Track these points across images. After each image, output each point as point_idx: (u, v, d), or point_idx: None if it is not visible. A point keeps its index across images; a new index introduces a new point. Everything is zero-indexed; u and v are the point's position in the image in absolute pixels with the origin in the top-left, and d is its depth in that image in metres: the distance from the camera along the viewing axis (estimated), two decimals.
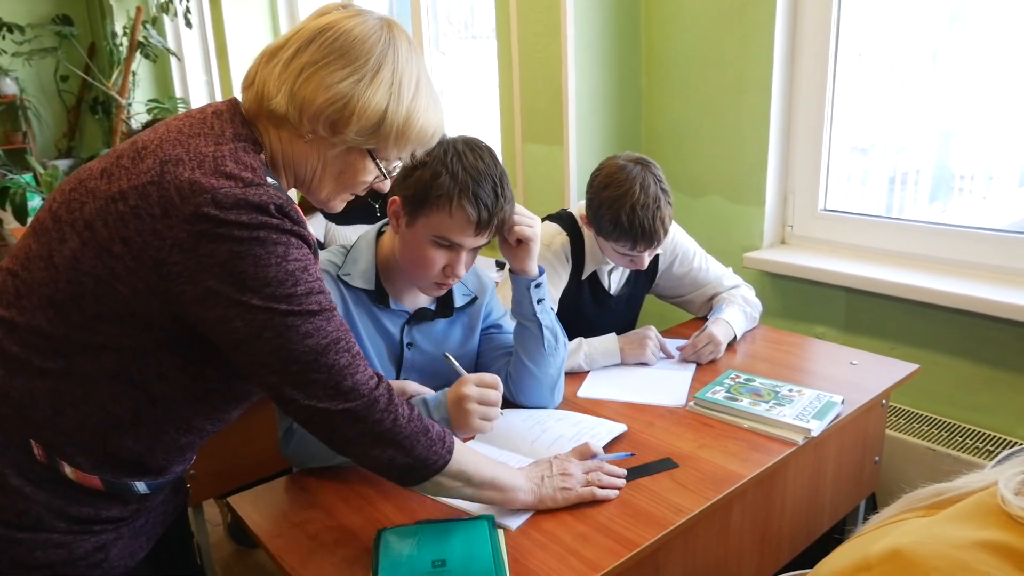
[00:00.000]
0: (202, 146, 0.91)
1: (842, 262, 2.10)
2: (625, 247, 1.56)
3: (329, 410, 0.94)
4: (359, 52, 0.94)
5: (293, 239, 0.91)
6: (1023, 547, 0.56)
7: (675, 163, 2.46)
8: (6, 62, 6.37)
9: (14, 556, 0.94)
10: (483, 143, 1.30)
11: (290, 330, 0.91)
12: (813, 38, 2.11)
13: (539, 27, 2.43)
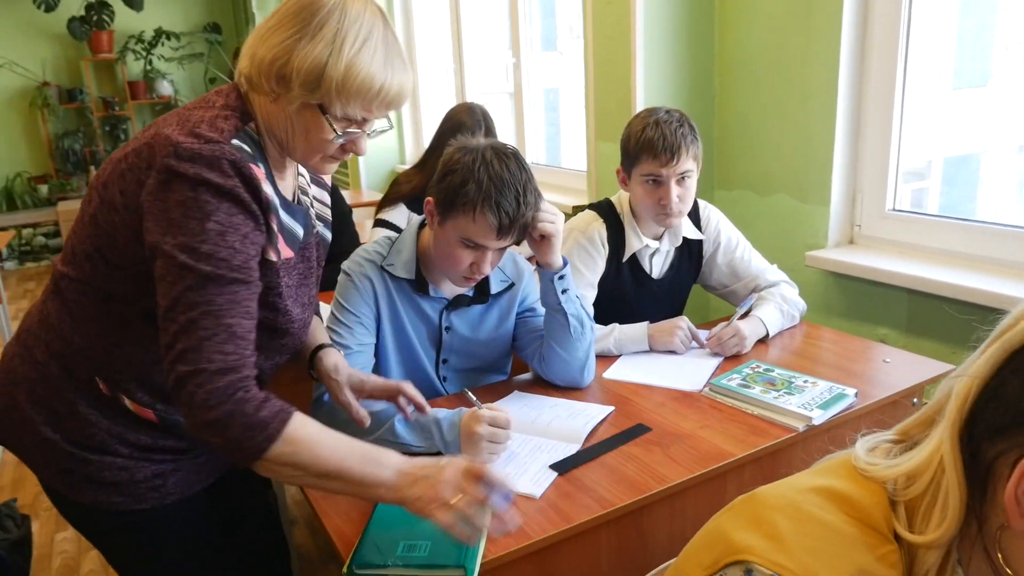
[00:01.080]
0: (193, 114, 1.05)
1: (906, 263, 2.07)
2: (650, 163, 1.66)
3: (175, 367, 0.97)
4: (307, 14, 1.02)
5: (226, 203, 0.99)
6: (851, 492, 0.65)
7: (746, 162, 2.49)
8: (163, 66, 7.10)
9: (87, 474, 1.15)
10: (511, 151, 1.40)
11: (179, 279, 0.98)
12: (882, 37, 2.09)
13: (610, 31, 2.52)
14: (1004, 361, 0.57)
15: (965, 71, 2.79)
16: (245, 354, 1.01)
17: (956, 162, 3.14)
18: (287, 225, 1.15)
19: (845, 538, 0.61)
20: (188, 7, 7.27)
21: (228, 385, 0.98)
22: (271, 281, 1.11)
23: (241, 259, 1.01)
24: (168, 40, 6.94)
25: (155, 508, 1.20)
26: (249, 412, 0.98)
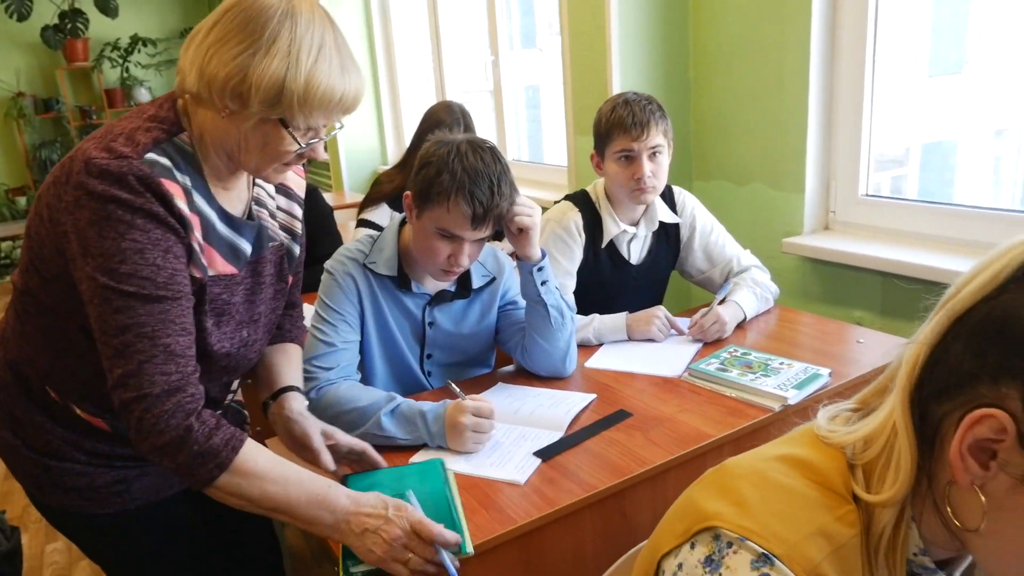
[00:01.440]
0: (117, 126, 1.01)
1: (879, 247, 2.11)
2: (621, 138, 1.72)
3: (117, 393, 0.97)
4: (256, 25, 0.97)
5: (140, 219, 0.96)
6: (812, 458, 0.68)
7: (722, 151, 2.53)
8: (140, 73, 7.07)
9: (50, 479, 1.15)
10: (487, 144, 1.43)
11: (104, 302, 0.96)
12: (851, 27, 2.13)
13: (586, 27, 2.55)
14: (948, 328, 0.61)
15: (940, 59, 2.83)
16: (187, 371, 1.00)
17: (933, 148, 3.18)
18: (227, 240, 1.12)
19: (806, 500, 0.64)
20: (163, 13, 7.24)
21: (176, 407, 0.98)
22: (199, 298, 1.07)
23: (166, 275, 0.98)
24: (144, 47, 6.90)
25: (120, 512, 1.20)
26: (200, 439, 0.98)
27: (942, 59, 2.78)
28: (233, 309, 1.14)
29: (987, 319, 0.58)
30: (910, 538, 0.64)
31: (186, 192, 1.03)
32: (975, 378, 0.58)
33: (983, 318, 0.58)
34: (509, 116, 3.85)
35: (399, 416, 1.35)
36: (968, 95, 2.68)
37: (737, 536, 0.62)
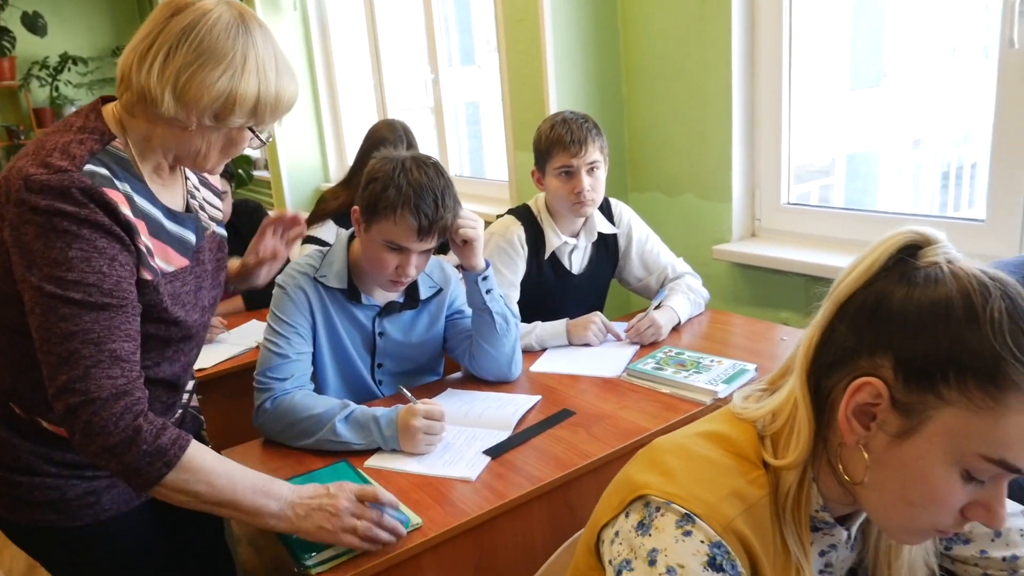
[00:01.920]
0: (48, 140, 1.04)
1: (801, 251, 2.26)
2: (561, 156, 1.81)
3: (63, 398, 0.99)
4: (225, 49, 1.04)
5: (86, 229, 0.99)
6: (727, 432, 0.78)
7: (654, 164, 2.66)
8: (71, 92, 6.91)
9: (18, 496, 1.17)
10: (431, 160, 1.51)
11: (50, 311, 0.99)
12: (768, 47, 2.28)
13: (523, 45, 2.66)
14: (834, 313, 0.71)
15: (860, 73, 3.01)
16: (132, 376, 1.03)
17: (857, 159, 3.37)
18: (176, 235, 1.18)
19: (723, 468, 0.74)
20: (94, 32, 7.10)
21: (124, 409, 1.01)
22: (152, 299, 1.10)
23: (111, 282, 1.02)
24: (75, 65, 6.76)
25: (92, 524, 1.22)
26: (148, 440, 1.02)
27: (862, 73, 2.97)
28: (187, 298, 1.19)
29: (864, 303, 0.68)
30: (812, 496, 0.74)
31: (127, 198, 1.07)
32: (856, 353, 0.68)
33: (861, 303, 0.69)
34: (450, 132, 3.93)
35: (353, 422, 1.41)
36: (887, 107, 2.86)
37: (664, 501, 0.71)
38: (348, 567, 1.08)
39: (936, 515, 0.67)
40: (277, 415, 1.45)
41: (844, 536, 0.78)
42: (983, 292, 0.63)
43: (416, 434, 1.36)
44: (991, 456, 0.63)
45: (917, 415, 0.65)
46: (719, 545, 0.68)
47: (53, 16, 6.72)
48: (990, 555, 0.85)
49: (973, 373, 0.62)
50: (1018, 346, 0.61)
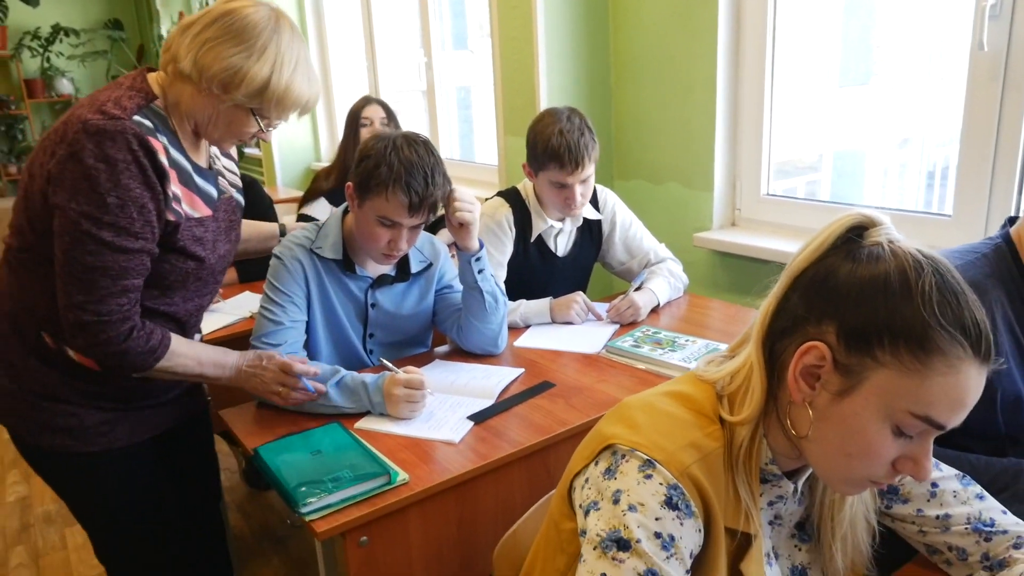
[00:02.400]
0: (101, 95, 1.22)
1: (779, 241, 2.35)
2: (557, 172, 1.85)
3: (75, 313, 1.21)
4: (251, 35, 1.22)
5: (125, 177, 1.17)
6: (689, 391, 0.86)
7: (639, 153, 2.73)
8: (62, 64, 6.88)
9: (43, 420, 1.31)
10: (421, 138, 1.57)
11: (79, 243, 1.18)
12: (752, 43, 2.36)
13: (515, 32, 2.72)
14: (788, 285, 0.79)
15: (849, 70, 3.08)
16: (133, 304, 1.26)
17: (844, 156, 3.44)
18: (201, 187, 1.35)
19: (682, 422, 0.82)
20: (87, 3, 7.06)
21: (128, 330, 1.25)
22: (173, 237, 1.29)
23: (137, 227, 1.21)
24: (67, 37, 6.73)
25: (105, 451, 1.37)
26: (142, 344, 1.27)
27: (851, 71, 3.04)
28: (207, 242, 1.37)
29: (814, 277, 0.77)
30: (762, 450, 0.82)
31: (164, 148, 1.24)
32: (805, 320, 0.76)
33: (811, 276, 0.77)
34: (442, 116, 3.99)
35: (344, 387, 1.48)
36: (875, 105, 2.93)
37: (629, 449, 0.79)
38: (339, 516, 1.15)
39: (870, 466, 0.75)
40: None
41: (791, 488, 0.87)
42: (917, 268, 0.71)
43: (399, 402, 1.44)
44: (918, 413, 0.71)
45: (855, 376, 0.73)
46: (676, 487, 0.77)
47: None
48: (925, 513, 0.94)
49: (904, 339, 0.70)
50: (944, 316, 0.70)
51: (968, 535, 0.92)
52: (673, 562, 0.74)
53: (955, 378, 0.70)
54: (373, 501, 1.18)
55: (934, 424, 0.72)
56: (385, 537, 1.21)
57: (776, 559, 0.90)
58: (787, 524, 0.91)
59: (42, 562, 2.44)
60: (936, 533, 0.94)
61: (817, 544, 0.92)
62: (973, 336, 0.70)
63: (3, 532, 2.63)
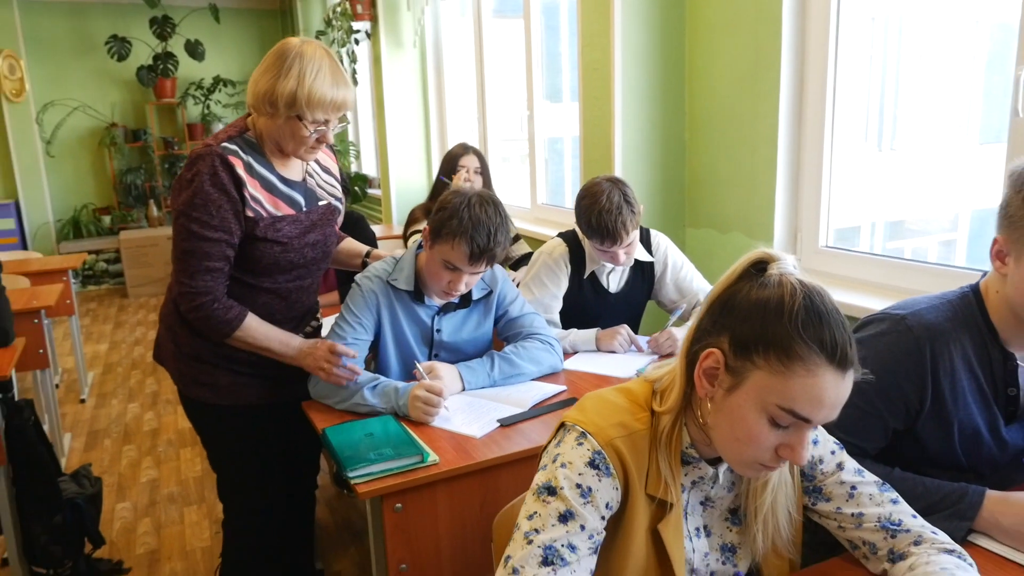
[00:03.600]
0: (217, 134, 1.71)
1: (835, 291, 2.45)
2: (597, 244, 2.09)
3: (178, 287, 1.67)
4: (280, 61, 1.61)
5: (207, 184, 1.60)
6: (632, 387, 1.08)
7: (709, 203, 2.92)
8: (219, 111, 7.80)
9: (192, 376, 1.78)
10: (494, 199, 1.82)
11: (177, 232, 1.65)
12: (814, 102, 2.52)
13: (597, 92, 3.00)
14: (707, 307, 1.00)
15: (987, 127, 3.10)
16: (217, 279, 1.68)
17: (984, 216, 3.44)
18: (285, 193, 1.76)
19: (618, 407, 1.04)
20: (243, 57, 8.00)
21: (211, 301, 1.68)
22: (253, 226, 1.68)
23: (215, 221, 1.63)
24: (224, 87, 7.65)
25: (233, 406, 1.80)
26: (221, 315, 1.69)
27: (988, 127, 3.08)
28: (290, 232, 1.76)
29: (721, 299, 0.98)
30: (682, 436, 1.03)
31: (246, 164, 1.67)
32: (710, 333, 0.97)
33: (719, 299, 0.98)
34: (550, 164, 4.29)
35: (379, 391, 1.76)
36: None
37: (572, 424, 1.02)
38: (379, 483, 1.43)
39: (756, 450, 0.95)
40: (324, 383, 1.81)
41: (710, 472, 1.06)
42: (792, 294, 0.91)
43: (416, 403, 1.69)
44: (784, 407, 0.90)
45: (740, 376, 0.93)
46: (599, 453, 0.99)
47: (211, 43, 7.63)
48: (843, 511, 1.10)
49: (774, 349, 0.90)
50: (806, 332, 0.89)
51: (877, 532, 1.07)
52: (589, 507, 0.97)
53: (813, 380, 0.89)
54: (407, 475, 1.45)
55: (799, 417, 0.91)
56: (416, 506, 1.47)
57: (708, 535, 1.09)
58: (719, 507, 1.10)
59: (163, 532, 2.86)
60: (852, 529, 1.09)
61: (745, 527, 1.10)
62: (829, 348, 0.89)
63: (135, 505, 3.09)
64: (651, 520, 1.03)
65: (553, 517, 0.96)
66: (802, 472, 1.12)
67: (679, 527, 1.03)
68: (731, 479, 1.10)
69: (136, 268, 6.97)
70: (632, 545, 1.03)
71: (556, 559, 0.94)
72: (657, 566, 1.05)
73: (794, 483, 1.11)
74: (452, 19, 5.33)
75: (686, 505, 1.08)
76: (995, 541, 1.13)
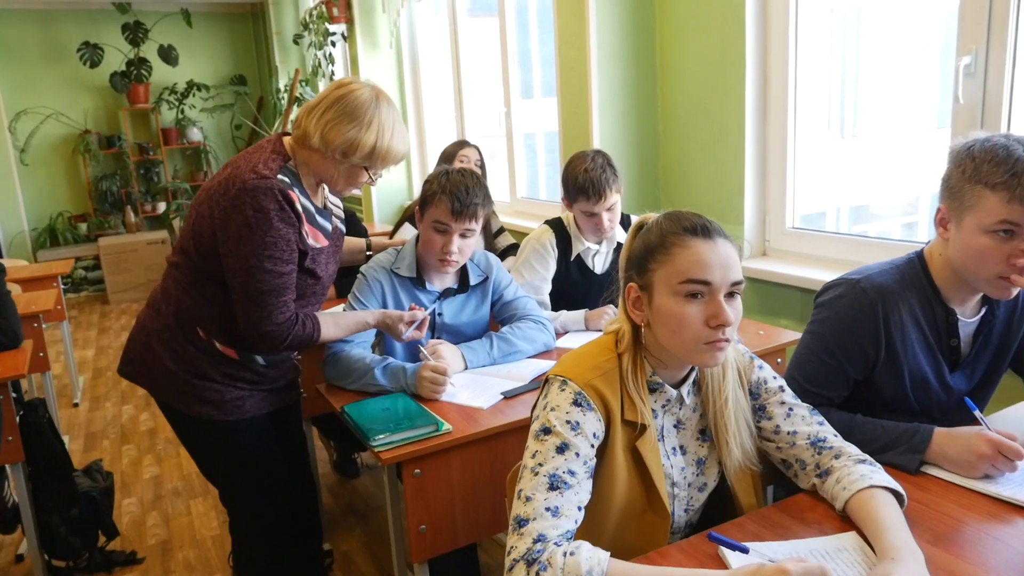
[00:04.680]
0: (253, 157, 1.66)
1: (802, 269, 2.65)
2: (584, 203, 2.26)
3: (257, 327, 1.68)
4: (360, 112, 1.65)
5: (276, 221, 1.61)
6: (603, 338, 1.28)
7: (683, 192, 3.10)
8: (194, 115, 7.84)
9: (195, 393, 1.76)
10: (470, 171, 2.02)
11: (251, 276, 1.63)
12: (776, 99, 2.71)
13: (574, 88, 3.16)
14: (622, 264, 1.24)
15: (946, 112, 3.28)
16: (291, 307, 1.72)
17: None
18: (321, 224, 1.79)
19: (591, 355, 1.24)
20: (217, 62, 8.05)
21: (290, 326, 1.73)
22: (304, 262, 1.73)
23: (287, 256, 1.66)
24: (199, 91, 7.68)
25: (237, 420, 1.82)
26: (304, 334, 1.76)
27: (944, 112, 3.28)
28: (323, 264, 1.82)
29: (625, 255, 1.23)
30: (644, 367, 1.22)
31: (298, 197, 1.67)
32: (629, 277, 1.21)
33: (625, 256, 1.23)
34: (527, 159, 4.45)
35: (388, 371, 1.89)
36: None
37: (554, 375, 1.21)
38: (399, 451, 1.57)
39: (691, 330, 1.14)
40: (337, 363, 1.94)
41: (674, 394, 1.26)
42: (657, 221, 1.18)
43: (424, 382, 1.83)
44: (682, 280, 1.13)
45: (649, 286, 1.17)
46: (580, 393, 1.18)
47: (184, 48, 7.66)
48: (781, 430, 1.29)
49: (656, 251, 1.17)
50: (670, 226, 1.17)
51: (807, 449, 1.26)
52: (580, 438, 1.16)
53: (689, 251, 1.14)
54: (424, 443, 1.60)
55: (698, 281, 1.13)
56: (433, 471, 1.62)
57: (683, 453, 1.29)
58: (691, 428, 1.29)
59: (171, 524, 2.97)
60: (787, 448, 1.29)
61: (715, 444, 1.29)
62: (690, 227, 1.15)
63: (142, 501, 3.19)
64: (630, 442, 1.22)
65: (552, 450, 1.14)
66: (750, 391, 1.31)
67: (655, 445, 1.23)
68: (696, 402, 1.29)
69: (116, 274, 7.00)
70: (617, 465, 1.21)
71: (560, 483, 1.12)
72: (640, 482, 1.24)
73: (747, 404, 1.30)
74: (427, 19, 5.46)
75: (661, 428, 1.27)
76: (943, 470, 1.31)
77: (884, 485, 1.17)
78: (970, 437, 1.29)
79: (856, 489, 1.16)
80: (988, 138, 1.30)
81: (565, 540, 1.08)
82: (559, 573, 1.01)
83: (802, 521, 1.21)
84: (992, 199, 1.26)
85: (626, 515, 1.24)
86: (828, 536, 1.15)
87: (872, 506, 1.13)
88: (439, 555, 1.69)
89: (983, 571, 1.05)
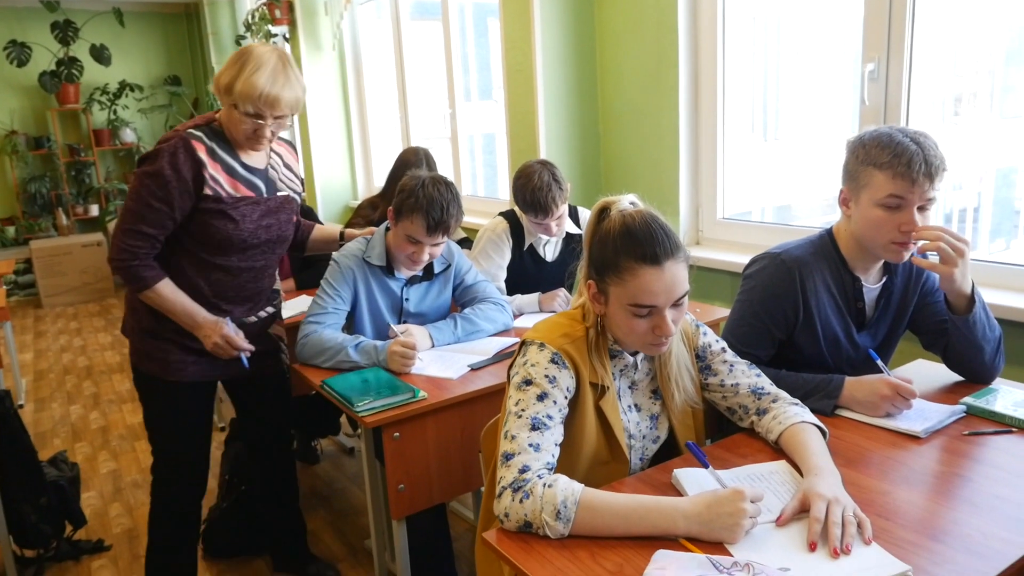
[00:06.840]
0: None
1: (732, 255, 2.91)
2: (532, 217, 2.46)
3: (112, 239, 1.88)
4: (236, 57, 1.84)
5: (163, 162, 1.79)
6: (572, 311, 1.46)
7: (624, 186, 3.29)
8: (127, 116, 7.72)
9: (144, 350, 1.96)
10: (445, 180, 2.14)
11: (128, 193, 1.88)
12: (707, 97, 2.96)
13: (520, 90, 3.36)
14: (585, 249, 1.41)
15: None
16: (148, 243, 1.85)
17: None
18: (246, 177, 1.94)
19: (561, 324, 1.42)
20: (151, 62, 7.94)
21: (132, 258, 1.85)
22: (209, 203, 1.86)
23: (160, 193, 1.81)
24: (132, 92, 7.56)
25: (178, 382, 1.99)
26: (137, 272, 1.87)
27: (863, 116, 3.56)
28: (247, 212, 1.94)
29: (586, 241, 1.40)
30: (607, 338, 1.41)
31: (208, 149, 1.86)
32: (590, 272, 1.38)
33: (586, 242, 1.40)
34: (465, 159, 4.63)
35: (361, 348, 2.04)
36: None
37: (531, 339, 1.40)
38: (380, 416, 1.73)
39: (639, 336, 1.34)
40: (311, 342, 2.07)
41: (631, 360, 1.45)
42: (611, 227, 1.33)
43: (393, 356, 1.99)
44: (632, 303, 1.31)
45: (606, 295, 1.35)
46: (556, 354, 1.36)
47: (116, 47, 7.54)
48: (725, 383, 1.51)
49: (610, 270, 1.32)
50: (625, 250, 1.30)
51: (749, 396, 1.49)
52: (556, 390, 1.34)
53: (639, 280, 1.30)
54: (403, 409, 1.76)
55: (643, 306, 1.31)
56: (411, 434, 1.78)
57: (639, 411, 1.49)
58: (644, 389, 1.49)
59: (135, 513, 3.03)
60: (731, 397, 1.51)
61: (663, 398, 1.49)
62: (641, 256, 1.29)
63: (102, 494, 3.23)
64: (595, 401, 1.41)
65: (533, 398, 1.33)
66: (697, 355, 1.52)
67: (615, 404, 1.43)
68: (648, 367, 1.49)
69: (50, 278, 6.85)
70: (585, 420, 1.41)
71: (540, 425, 1.31)
72: (603, 435, 1.43)
73: (691, 360, 1.51)
74: (370, 22, 5.58)
75: (619, 389, 1.46)
76: (853, 412, 1.55)
77: (811, 422, 1.40)
78: (874, 382, 1.54)
79: (789, 423, 1.39)
80: (876, 129, 1.55)
81: (546, 471, 1.26)
82: (539, 501, 1.19)
83: (739, 455, 1.43)
84: (880, 177, 1.50)
85: (593, 463, 1.44)
86: (762, 463, 1.37)
87: (802, 437, 1.36)
88: (415, 513, 1.85)
89: (884, 483, 1.29)
